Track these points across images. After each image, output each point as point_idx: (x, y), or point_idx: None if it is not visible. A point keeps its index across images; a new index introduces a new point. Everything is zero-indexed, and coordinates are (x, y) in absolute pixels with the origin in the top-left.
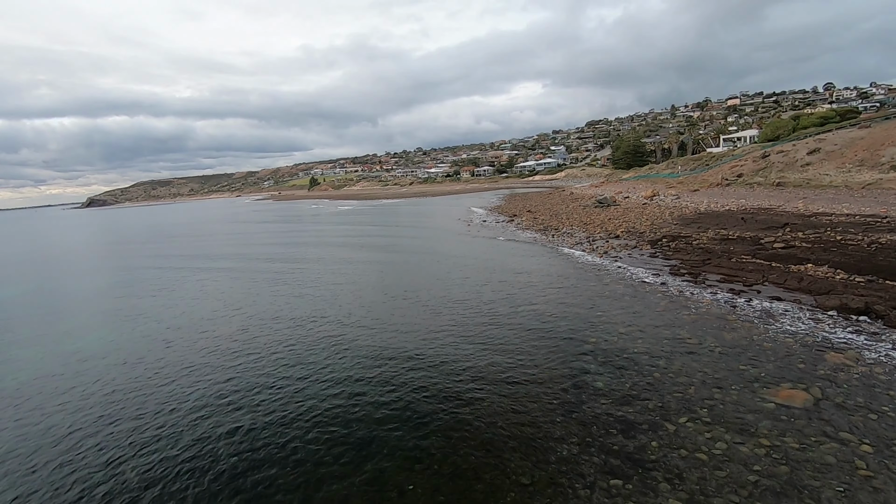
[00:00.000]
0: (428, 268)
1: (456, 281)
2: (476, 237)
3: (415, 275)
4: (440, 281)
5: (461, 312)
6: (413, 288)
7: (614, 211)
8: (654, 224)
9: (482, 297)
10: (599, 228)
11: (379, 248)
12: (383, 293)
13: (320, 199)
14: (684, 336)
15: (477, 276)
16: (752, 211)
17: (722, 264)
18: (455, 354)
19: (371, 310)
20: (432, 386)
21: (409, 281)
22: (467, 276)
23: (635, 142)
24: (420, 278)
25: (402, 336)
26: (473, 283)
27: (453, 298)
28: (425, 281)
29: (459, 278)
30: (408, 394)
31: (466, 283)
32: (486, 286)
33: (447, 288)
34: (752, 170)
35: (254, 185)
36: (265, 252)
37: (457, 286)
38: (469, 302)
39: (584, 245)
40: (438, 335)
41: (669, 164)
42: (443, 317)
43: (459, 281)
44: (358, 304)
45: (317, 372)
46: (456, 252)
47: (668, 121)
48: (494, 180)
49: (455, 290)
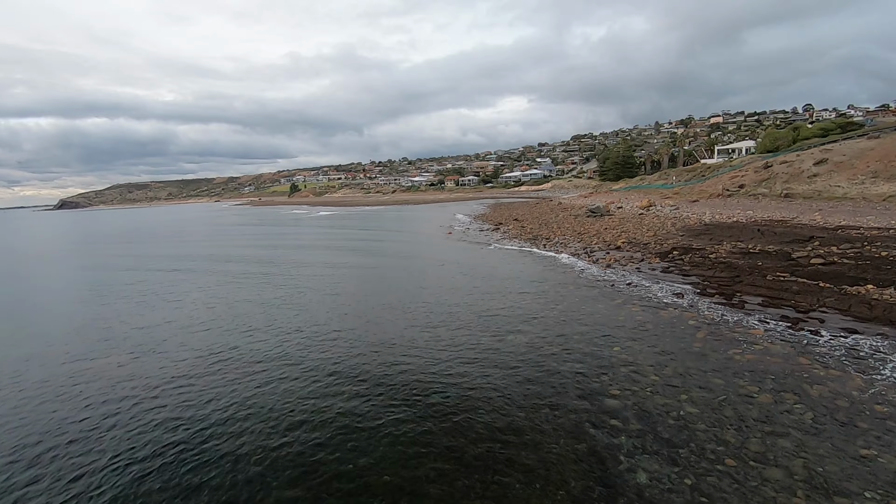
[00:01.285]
0: (397, 290)
1: (426, 302)
2: (458, 246)
3: (379, 305)
4: (406, 307)
5: (429, 353)
6: (372, 328)
7: (609, 221)
8: (658, 235)
9: (461, 322)
10: (596, 238)
11: (340, 256)
12: (330, 318)
13: (299, 205)
14: (748, 389)
15: (457, 294)
16: (765, 223)
17: (756, 283)
18: (420, 418)
19: (322, 335)
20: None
21: (368, 312)
22: (443, 295)
23: (625, 153)
24: (385, 308)
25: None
26: (451, 304)
27: (421, 326)
28: (390, 315)
29: (432, 297)
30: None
31: (441, 304)
32: (468, 308)
33: (410, 312)
34: (754, 180)
35: (234, 190)
36: (207, 254)
37: (426, 309)
38: (442, 333)
39: (581, 256)
40: (396, 401)
41: (662, 174)
42: (406, 367)
43: (431, 302)
44: (304, 321)
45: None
46: (434, 263)
47: (653, 136)
48: (479, 190)
49: (422, 315)
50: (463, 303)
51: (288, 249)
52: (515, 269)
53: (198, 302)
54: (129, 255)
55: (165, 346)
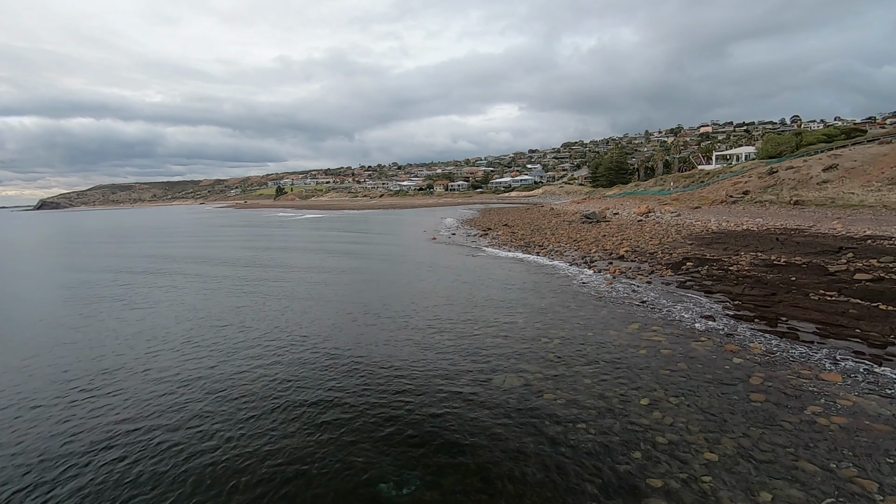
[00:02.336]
0: (366, 308)
1: (388, 333)
2: (441, 253)
3: (343, 322)
4: (372, 332)
5: (390, 404)
6: (338, 345)
7: (606, 227)
8: (664, 243)
9: (432, 356)
10: (595, 246)
11: (308, 268)
12: (276, 329)
13: (283, 209)
14: (861, 484)
15: (432, 316)
16: (780, 231)
17: (799, 303)
18: None
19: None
20: None
21: (337, 326)
22: (415, 317)
23: (619, 158)
24: (352, 326)
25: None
26: (423, 330)
27: (379, 367)
28: (354, 333)
29: (399, 321)
30: None
31: (412, 333)
32: (442, 335)
33: (360, 362)
34: (759, 187)
35: (220, 193)
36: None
37: (386, 349)
38: (410, 373)
39: (580, 265)
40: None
41: (658, 180)
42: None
43: (397, 331)
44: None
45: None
46: (409, 274)
47: (643, 145)
48: (469, 195)
49: (381, 355)
50: (438, 327)
51: (257, 251)
52: (504, 280)
53: (154, 308)
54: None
55: (115, 357)
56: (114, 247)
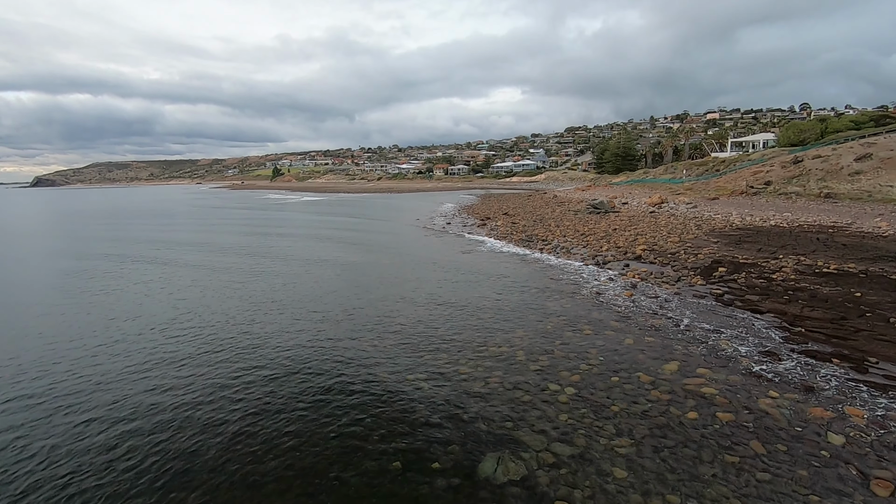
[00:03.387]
0: (321, 318)
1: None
2: (432, 247)
3: (295, 334)
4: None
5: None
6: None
7: (616, 220)
8: (685, 240)
9: (399, 408)
10: (605, 242)
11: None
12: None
13: (278, 190)
14: None
15: (405, 339)
16: (816, 229)
17: (884, 333)
18: None
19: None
20: None
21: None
22: (384, 343)
23: (626, 144)
24: (288, 346)
25: None
26: (392, 364)
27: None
28: (310, 347)
29: (366, 347)
30: None
31: (378, 365)
32: (414, 371)
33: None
34: (782, 177)
35: (218, 173)
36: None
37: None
38: (364, 426)
39: (590, 265)
40: None
41: (668, 168)
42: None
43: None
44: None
45: None
46: (390, 277)
47: (648, 131)
48: (469, 180)
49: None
50: (403, 364)
51: (226, 234)
52: (500, 286)
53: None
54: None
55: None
56: (82, 230)
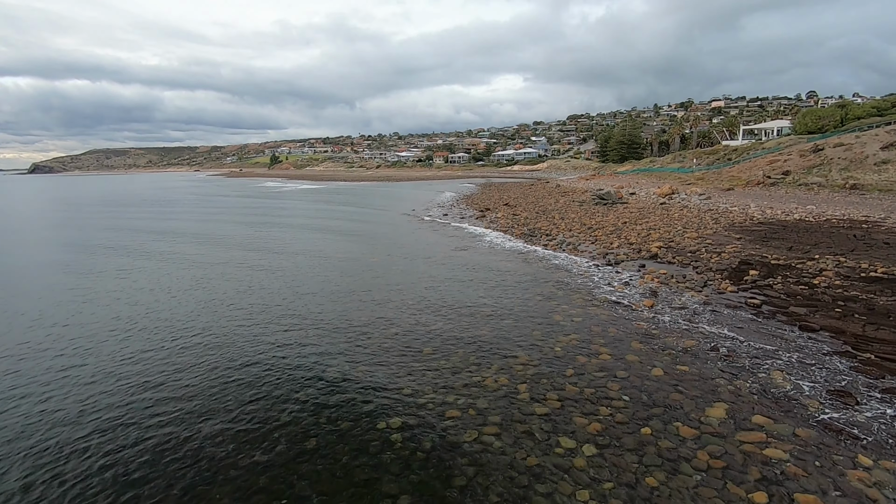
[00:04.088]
0: (290, 321)
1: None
2: (425, 242)
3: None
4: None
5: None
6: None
7: (624, 212)
8: (704, 236)
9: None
10: (616, 238)
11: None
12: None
13: (274, 178)
14: None
15: (384, 357)
16: (847, 223)
17: None
18: None
19: None
20: None
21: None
22: (356, 360)
23: (631, 131)
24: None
25: None
26: (364, 389)
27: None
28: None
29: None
30: None
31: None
32: (381, 421)
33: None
34: (801, 166)
35: (217, 160)
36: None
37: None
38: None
39: (601, 267)
40: None
41: (676, 157)
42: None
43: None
44: None
45: None
46: (383, 270)
47: (652, 119)
48: (469, 168)
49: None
50: (384, 385)
51: (209, 223)
52: (498, 291)
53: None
54: None
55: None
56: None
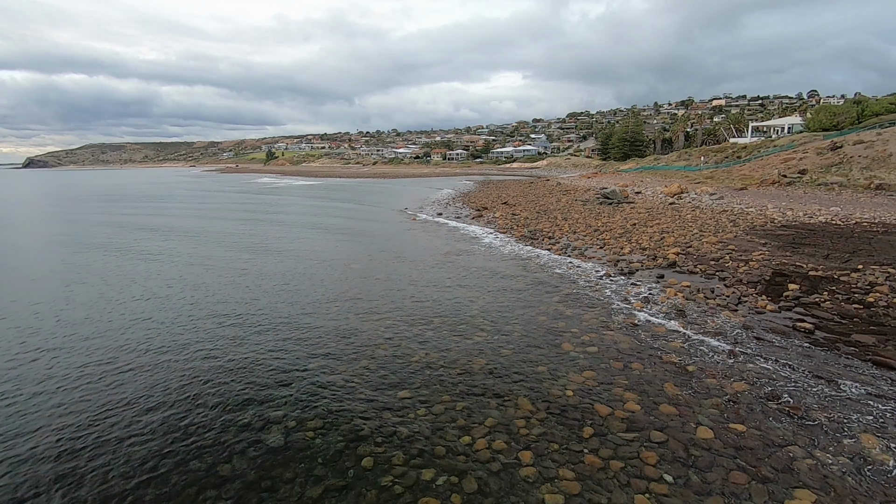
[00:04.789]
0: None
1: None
2: (416, 243)
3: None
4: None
5: None
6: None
7: (632, 212)
8: (724, 241)
9: None
10: (626, 242)
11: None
12: None
13: (269, 174)
14: None
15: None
16: (879, 227)
17: None
18: None
19: None
20: None
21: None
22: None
23: (634, 128)
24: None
25: None
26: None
27: None
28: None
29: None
30: None
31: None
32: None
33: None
34: (819, 165)
35: (213, 156)
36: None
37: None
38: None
39: (614, 277)
40: None
41: (682, 154)
42: None
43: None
44: None
45: None
46: (360, 280)
47: (652, 117)
48: (468, 165)
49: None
50: (338, 465)
51: (185, 219)
52: (494, 306)
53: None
54: None
55: None
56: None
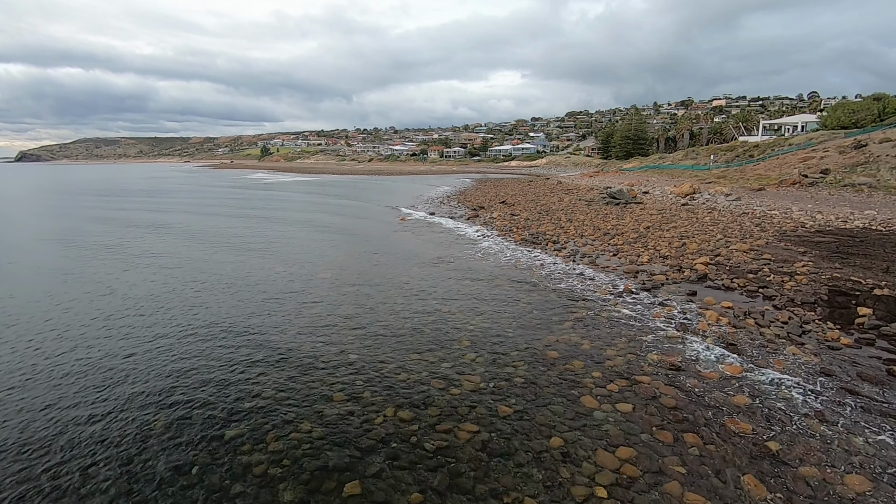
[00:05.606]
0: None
1: None
2: (403, 247)
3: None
4: None
5: None
6: None
7: (642, 213)
8: (753, 248)
9: None
10: (642, 248)
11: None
12: None
13: (264, 170)
14: None
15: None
16: None
17: None
18: None
19: None
20: None
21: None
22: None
23: (637, 126)
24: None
25: None
26: None
27: None
28: None
29: None
30: None
31: None
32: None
33: None
34: (842, 165)
35: (209, 151)
36: None
37: None
38: None
39: (639, 297)
40: None
41: (688, 153)
42: None
43: None
44: None
45: None
46: (322, 302)
47: (652, 116)
48: (465, 163)
49: None
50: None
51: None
52: (489, 343)
53: None
54: None
55: None
56: None
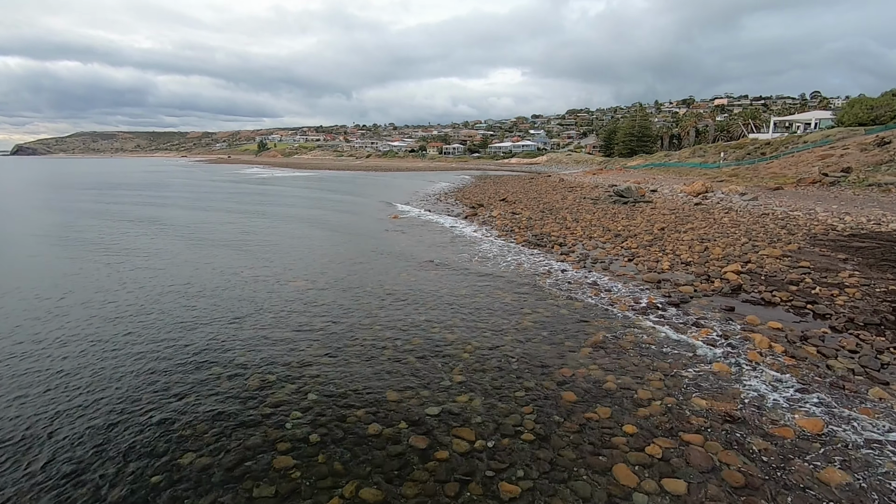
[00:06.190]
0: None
1: None
2: (397, 245)
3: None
4: None
5: None
6: None
7: (653, 213)
8: (787, 254)
9: None
10: (659, 253)
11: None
12: None
13: (260, 165)
14: None
15: None
16: None
17: None
18: None
19: None
20: None
21: None
22: None
23: (641, 123)
24: None
25: None
26: None
27: None
28: None
29: None
30: None
31: None
32: None
33: None
34: (864, 162)
35: (206, 146)
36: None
37: None
38: None
39: (667, 314)
40: None
41: (695, 150)
42: None
43: None
44: None
45: None
46: (287, 318)
47: (653, 115)
48: (464, 160)
49: None
50: None
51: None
52: (488, 381)
53: None
54: None
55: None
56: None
